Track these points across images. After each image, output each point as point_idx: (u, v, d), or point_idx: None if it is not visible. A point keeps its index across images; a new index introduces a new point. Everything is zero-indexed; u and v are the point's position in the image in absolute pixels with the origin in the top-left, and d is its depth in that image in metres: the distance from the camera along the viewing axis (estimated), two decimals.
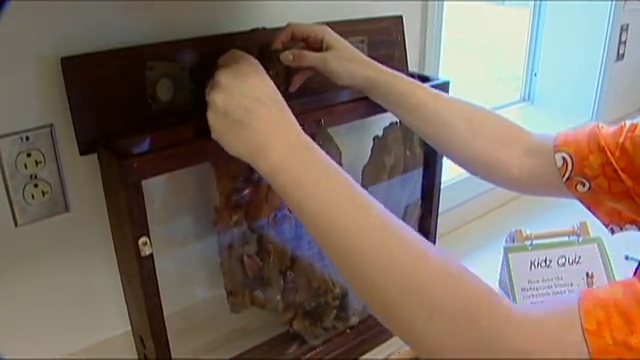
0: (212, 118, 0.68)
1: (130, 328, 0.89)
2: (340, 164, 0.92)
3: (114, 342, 0.93)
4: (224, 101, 0.67)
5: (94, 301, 0.91)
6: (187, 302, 1.01)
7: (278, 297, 1.01)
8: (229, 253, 0.94)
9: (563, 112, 1.96)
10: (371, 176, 1.06)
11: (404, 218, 1.14)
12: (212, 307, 1.01)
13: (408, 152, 1.08)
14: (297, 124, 0.67)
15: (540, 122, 1.93)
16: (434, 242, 1.18)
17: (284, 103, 0.69)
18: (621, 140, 0.78)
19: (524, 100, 2.10)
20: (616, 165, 0.77)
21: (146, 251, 0.74)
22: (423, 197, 1.14)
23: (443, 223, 1.33)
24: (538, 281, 1.18)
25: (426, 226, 1.15)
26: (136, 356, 0.88)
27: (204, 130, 0.69)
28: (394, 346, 1.07)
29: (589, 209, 0.84)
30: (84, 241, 0.87)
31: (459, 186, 1.50)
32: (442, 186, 1.15)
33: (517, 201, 1.68)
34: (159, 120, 0.83)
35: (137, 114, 0.81)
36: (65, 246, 0.86)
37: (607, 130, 0.81)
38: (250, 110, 0.66)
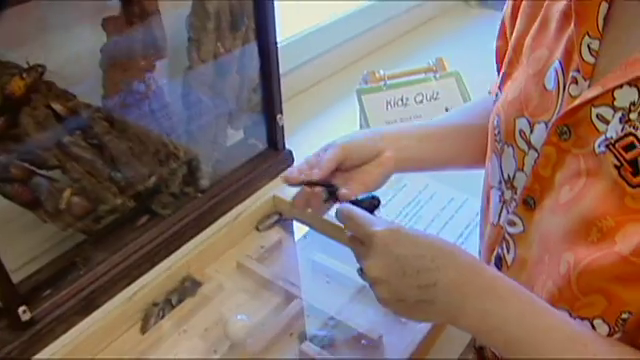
0: (390, 306, 0.60)
1: None
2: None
3: None
4: (390, 293, 0.59)
5: None
6: None
7: (119, 175, 0.92)
8: None
9: None
10: (197, 27, 0.95)
11: (242, 88, 1.05)
12: None
13: None
14: (479, 264, 0.59)
15: None
16: (280, 107, 1.10)
17: (450, 251, 0.59)
18: None
19: None
20: None
21: None
22: (261, 56, 1.04)
23: (290, 85, 1.26)
24: (395, 120, 1.15)
25: (269, 88, 1.06)
26: None
27: None
28: (251, 207, 1.02)
29: None
30: None
31: (302, 43, 1.39)
32: (282, 44, 1.06)
33: (368, 45, 1.61)
34: None
35: None
36: None
37: None
38: (425, 286, 0.57)
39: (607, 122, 0.55)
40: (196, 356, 0.81)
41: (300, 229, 0.99)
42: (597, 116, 0.56)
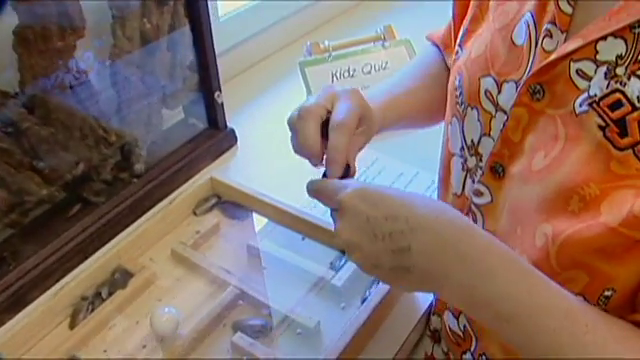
0: (368, 273, 0.53)
1: None
2: None
3: None
4: (364, 259, 0.52)
5: None
6: None
7: (42, 164, 0.87)
8: None
9: None
10: (120, 3, 0.89)
11: (174, 65, 0.99)
12: None
13: None
14: (466, 227, 0.51)
15: None
16: (218, 84, 1.04)
17: (429, 211, 0.51)
18: None
19: None
20: None
21: None
22: (194, 30, 0.98)
23: (234, 62, 1.20)
24: None
25: (205, 64, 1.01)
26: None
27: None
28: (187, 190, 0.97)
29: None
30: None
31: (244, 17, 1.30)
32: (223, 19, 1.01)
33: (316, 18, 1.52)
34: None
35: None
36: None
37: None
38: (399, 251, 0.50)
39: (589, 78, 0.49)
40: (125, 352, 0.77)
41: (240, 212, 0.94)
42: (577, 72, 0.50)
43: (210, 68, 1.01)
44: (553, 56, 0.51)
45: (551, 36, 0.53)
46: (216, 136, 1.06)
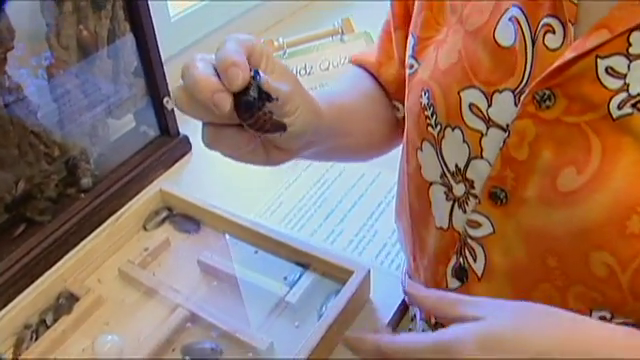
0: None
1: None
2: None
3: None
4: None
5: None
6: None
7: None
8: None
9: None
10: (52, 10, 0.84)
11: (118, 73, 0.94)
12: None
13: None
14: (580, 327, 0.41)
15: None
16: (166, 89, 0.99)
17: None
18: None
19: None
20: None
21: None
22: (136, 35, 0.93)
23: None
24: None
25: (150, 69, 0.96)
26: None
27: None
28: (136, 204, 0.92)
29: None
30: None
31: (196, 17, 1.23)
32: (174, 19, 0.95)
33: (270, 16, 1.44)
34: None
35: None
36: None
37: None
38: None
39: (622, 76, 0.42)
40: None
41: (191, 224, 0.90)
42: (607, 70, 0.43)
43: (156, 73, 0.96)
44: (570, 54, 0.43)
45: (553, 31, 0.46)
46: (168, 144, 1.02)
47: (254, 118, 0.47)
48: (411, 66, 0.60)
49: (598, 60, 0.43)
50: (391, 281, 0.81)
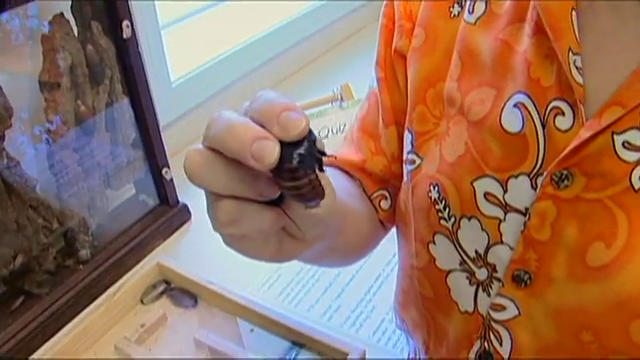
0: None
1: None
2: None
3: None
4: None
5: None
6: None
7: None
8: None
9: None
10: (50, 86, 0.85)
11: (116, 145, 0.95)
12: None
13: (90, 46, 0.87)
14: None
15: None
16: (165, 160, 0.99)
17: None
18: None
19: None
20: None
21: None
22: (134, 107, 0.94)
23: (186, 130, 1.15)
24: None
25: (148, 141, 0.96)
26: None
27: None
28: (135, 277, 0.92)
29: None
30: None
31: (195, 82, 1.24)
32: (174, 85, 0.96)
33: (271, 77, 1.44)
34: None
35: None
36: None
37: None
38: None
39: (636, 148, 0.43)
40: None
41: (188, 299, 0.89)
42: (624, 144, 0.44)
43: (154, 143, 0.97)
44: (586, 133, 0.44)
45: (563, 113, 0.46)
46: (167, 213, 1.02)
47: (301, 180, 0.37)
48: (412, 162, 0.59)
49: (614, 136, 0.44)
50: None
